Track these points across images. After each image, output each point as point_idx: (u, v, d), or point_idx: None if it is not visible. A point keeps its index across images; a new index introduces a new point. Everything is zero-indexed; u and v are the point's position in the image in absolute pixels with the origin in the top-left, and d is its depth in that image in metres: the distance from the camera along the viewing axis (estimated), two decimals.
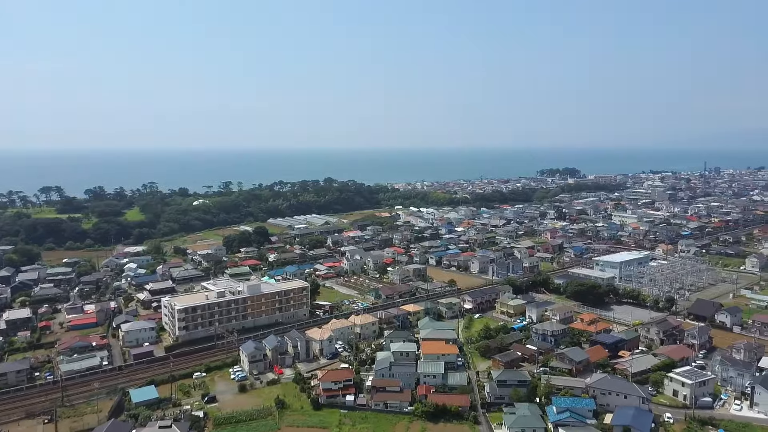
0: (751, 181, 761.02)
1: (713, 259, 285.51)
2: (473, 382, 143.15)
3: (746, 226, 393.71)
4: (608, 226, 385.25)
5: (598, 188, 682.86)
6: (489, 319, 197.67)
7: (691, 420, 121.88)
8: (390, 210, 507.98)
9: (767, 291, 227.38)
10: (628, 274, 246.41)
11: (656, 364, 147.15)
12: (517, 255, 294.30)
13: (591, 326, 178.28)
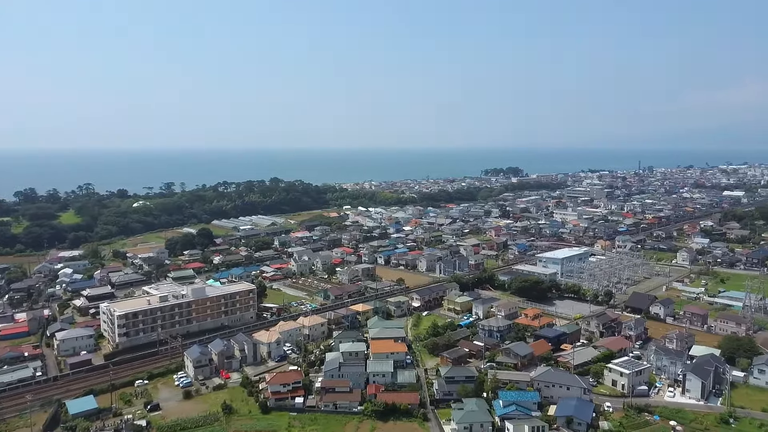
0: (681, 179, 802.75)
1: (648, 253, 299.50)
2: (422, 379, 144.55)
3: (677, 222, 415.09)
4: (550, 224, 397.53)
5: (540, 187, 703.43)
6: (437, 316, 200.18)
7: (629, 408, 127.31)
8: (338, 210, 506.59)
9: (696, 283, 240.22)
10: (569, 270, 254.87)
11: (596, 356, 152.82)
12: (463, 253, 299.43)
13: (535, 321, 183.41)
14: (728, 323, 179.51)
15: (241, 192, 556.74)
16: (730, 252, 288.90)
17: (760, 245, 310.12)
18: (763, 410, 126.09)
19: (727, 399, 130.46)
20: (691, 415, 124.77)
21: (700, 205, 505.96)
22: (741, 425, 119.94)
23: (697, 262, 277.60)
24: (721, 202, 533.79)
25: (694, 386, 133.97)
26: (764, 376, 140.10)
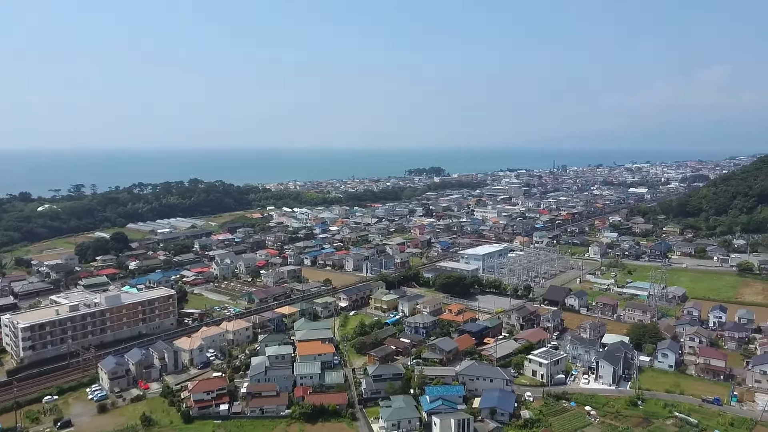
0: (592, 177, 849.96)
1: (563, 248, 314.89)
2: (350, 379, 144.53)
3: (589, 218, 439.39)
4: (471, 221, 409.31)
5: (461, 186, 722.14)
6: (364, 315, 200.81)
7: (548, 396, 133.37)
8: (262, 211, 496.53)
9: (607, 275, 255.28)
10: (490, 266, 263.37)
11: (517, 348, 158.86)
12: (389, 251, 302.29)
13: (459, 316, 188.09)
14: (635, 312, 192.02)
15: (158, 194, 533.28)
16: (636, 245, 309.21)
17: (662, 238, 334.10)
18: (666, 391, 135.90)
19: (636, 383, 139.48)
20: (604, 399, 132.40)
21: (609, 201, 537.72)
22: (647, 406, 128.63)
23: (607, 255, 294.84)
24: (628, 198, 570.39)
25: (606, 372, 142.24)
26: (667, 359, 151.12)
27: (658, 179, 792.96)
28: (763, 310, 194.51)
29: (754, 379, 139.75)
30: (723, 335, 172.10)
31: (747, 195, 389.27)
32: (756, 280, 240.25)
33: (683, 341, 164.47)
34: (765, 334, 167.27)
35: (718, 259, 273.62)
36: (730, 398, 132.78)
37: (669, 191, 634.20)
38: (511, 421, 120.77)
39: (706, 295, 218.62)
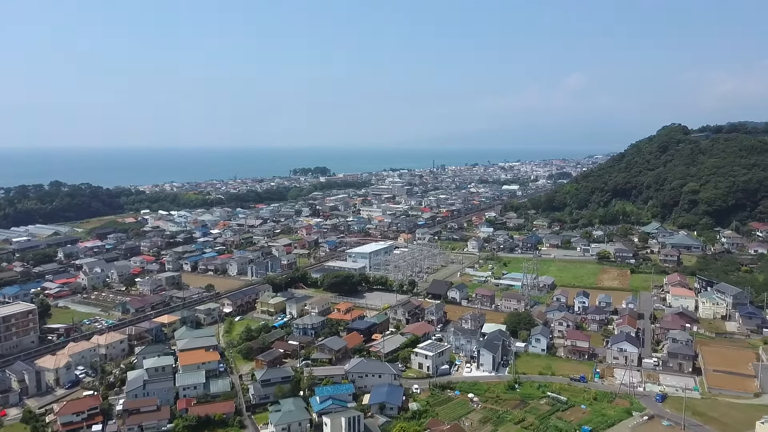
0: (468, 175, 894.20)
1: (443, 243, 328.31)
2: (237, 386, 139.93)
3: (467, 214, 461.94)
4: (357, 220, 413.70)
5: (347, 185, 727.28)
6: (250, 320, 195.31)
7: (434, 387, 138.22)
8: (135, 215, 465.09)
9: (484, 268, 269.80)
10: (376, 263, 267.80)
11: (404, 342, 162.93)
12: (275, 253, 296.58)
13: (347, 315, 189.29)
14: (511, 301, 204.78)
15: (12, 199, 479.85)
16: (510, 239, 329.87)
17: (533, 231, 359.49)
18: (540, 373, 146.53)
19: (513, 368, 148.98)
20: (485, 386, 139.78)
21: (484, 198, 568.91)
22: (524, 389, 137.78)
23: (484, 249, 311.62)
24: (502, 195, 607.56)
25: (486, 360, 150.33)
26: (540, 344, 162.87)
27: (528, 177, 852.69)
28: (619, 293, 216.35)
29: (613, 357, 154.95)
30: (586, 318, 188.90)
31: (603, 190, 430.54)
32: (612, 266, 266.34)
33: (553, 326, 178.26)
34: (621, 316, 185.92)
35: (581, 249, 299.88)
36: (594, 375, 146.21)
37: (538, 188, 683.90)
38: (400, 414, 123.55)
39: (572, 282, 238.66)
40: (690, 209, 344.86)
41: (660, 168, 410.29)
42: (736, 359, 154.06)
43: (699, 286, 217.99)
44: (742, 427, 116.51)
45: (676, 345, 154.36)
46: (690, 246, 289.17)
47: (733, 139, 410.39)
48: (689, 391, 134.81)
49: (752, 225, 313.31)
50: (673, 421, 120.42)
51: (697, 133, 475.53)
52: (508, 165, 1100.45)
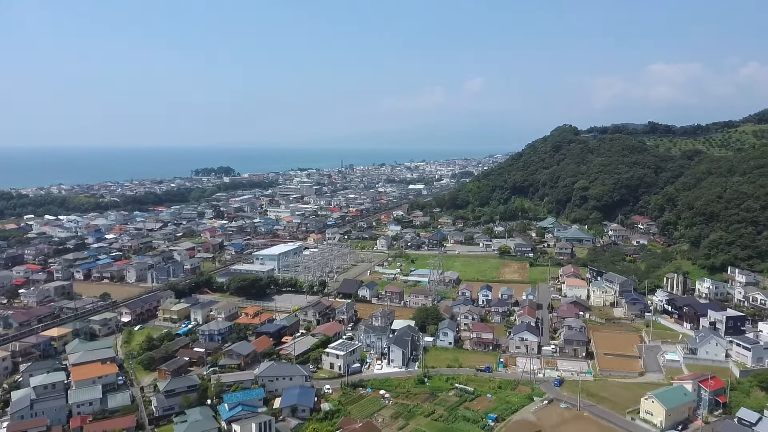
0: (376, 175, 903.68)
1: (353, 243, 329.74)
2: (138, 399, 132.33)
3: (375, 213, 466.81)
4: (265, 221, 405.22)
5: (252, 186, 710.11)
6: (151, 328, 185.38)
7: (346, 386, 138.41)
8: (17, 221, 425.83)
9: (393, 265, 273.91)
10: (285, 265, 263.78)
11: (315, 343, 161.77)
12: (177, 258, 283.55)
13: (256, 318, 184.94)
14: (419, 297, 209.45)
15: None
16: (417, 236, 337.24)
17: (438, 229, 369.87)
18: (448, 366, 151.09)
19: (422, 362, 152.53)
20: (396, 381, 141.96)
21: (392, 197, 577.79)
22: (433, 382, 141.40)
23: (392, 246, 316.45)
24: (408, 194, 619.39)
25: (396, 356, 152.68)
26: (447, 337, 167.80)
27: (433, 176, 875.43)
28: (519, 286, 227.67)
29: (515, 346, 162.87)
30: (490, 311, 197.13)
31: (503, 188, 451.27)
32: (513, 260, 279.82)
33: (459, 320, 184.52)
34: (521, 307, 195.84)
35: (483, 245, 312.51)
36: (498, 365, 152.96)
37: (442, 187, 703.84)
38: (312, 416, 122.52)
39: (476, 276, 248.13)
40: (581, 205, 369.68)
41: (554, 166, 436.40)
42: (623, 342, 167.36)
43: (590, 276, 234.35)
44: (630, 404, 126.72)
45: (571, 332, 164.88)
46: (582, 239, 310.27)
47: (617, 139, 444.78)
48: (583, 375, 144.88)
49: (635, 218, 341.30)
50: (569, 403, 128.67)
51: (586, 133, 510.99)
52: (414, 165, 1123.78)
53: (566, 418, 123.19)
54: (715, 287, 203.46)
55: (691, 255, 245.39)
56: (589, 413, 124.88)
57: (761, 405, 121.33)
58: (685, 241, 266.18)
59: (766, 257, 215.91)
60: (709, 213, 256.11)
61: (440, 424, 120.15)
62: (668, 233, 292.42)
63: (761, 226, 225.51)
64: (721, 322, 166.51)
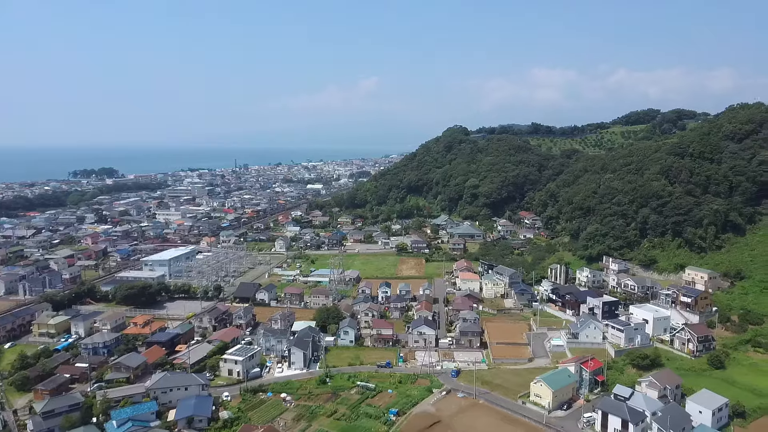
0: (273, 175, 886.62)
1: (250, 245, 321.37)
2: (11, 423, 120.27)
3: (273, 214, 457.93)
4: (153, 225, 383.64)
5: (139, 188, 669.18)
6: (25, 345, 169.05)
7: (245, 392, 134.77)
8: None
9: (293, 266, 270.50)
10: (177, 270, 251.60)
11: (212, 350, 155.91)
12: (53, 267, 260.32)
13: (146, 328, 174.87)
14: (319, 297, 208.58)
15: None
16: (317, 236, 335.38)
17: (337, 228, 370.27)
18: (349, 364, 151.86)
19: (324, 362, 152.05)
20: (298, 383, 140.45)
21: (290, 197, 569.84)
22: (335, 381, 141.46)
23: (291, 248, 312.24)
24: (306, 194, 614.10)
25: (297, 358, 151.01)
26: (348, 336, 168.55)
27: (331, 176, 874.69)
28: (417, 281, 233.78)
29: (414, 340, 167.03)
30: (389, 307, 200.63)
31: (399, 187, 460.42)
32: (410, 257, 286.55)
33: (360, 317, 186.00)
34: (419, 302, 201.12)
35: (382, 243, 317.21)
36: (398, 360, 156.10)
37: (340, 186, 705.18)
38: (210, 425, 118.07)
39: (375, 274, 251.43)
40: (472, 202, 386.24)
41: (446, 166, 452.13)
42: (514, 331, 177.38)
43: (482, 270, 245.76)
44: (521, 389, 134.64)
45: (466, 324, 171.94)
46: (473, 235, 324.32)
47: (504, 139, 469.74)
48: (478, 364, 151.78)
49: (521, 214, 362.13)
50: (466, 393, 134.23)
51: (475, 134, 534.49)
52: (312, 164, 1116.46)
53: (464, 406, 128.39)
54: (593, 276, 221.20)
55: (572, 247, 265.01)
56: (485, 401, 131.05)
57: (633, 381, 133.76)
58: (565, 234, 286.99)
59: (635, 246, 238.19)
60: (585, 207, 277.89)
61: (343, 423, 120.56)
62: (551, 227, 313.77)
63: (629, 218, 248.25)
64: (599, 308, 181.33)
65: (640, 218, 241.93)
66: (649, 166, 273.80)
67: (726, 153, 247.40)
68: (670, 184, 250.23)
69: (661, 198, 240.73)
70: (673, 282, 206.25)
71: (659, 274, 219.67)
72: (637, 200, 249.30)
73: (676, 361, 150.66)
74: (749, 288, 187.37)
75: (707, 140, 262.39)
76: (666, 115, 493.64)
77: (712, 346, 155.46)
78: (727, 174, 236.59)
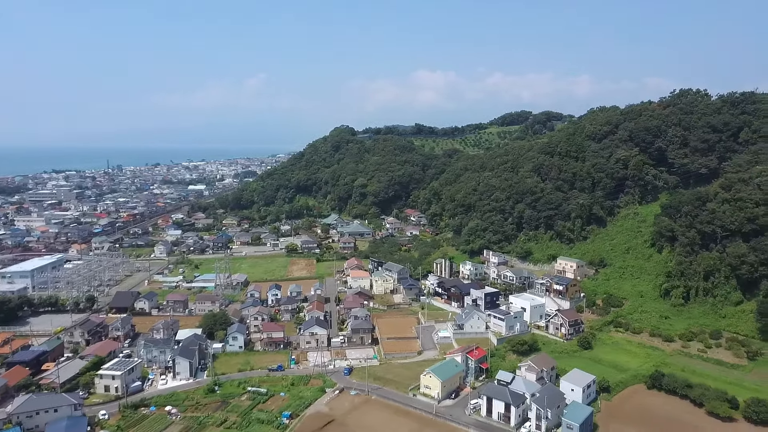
0: (150, 176, 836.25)
1: (127, 251, 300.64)
2: None
3: (151, 217, 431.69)
4: (12, 233, 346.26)
5: None
6: None
7: (125, 408, 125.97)
8: None
9: (175, 272, 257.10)
10: (42, 282, 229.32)
11: (85, 366, 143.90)
12: None
13: (5, 347, 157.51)
14: (205, 303, 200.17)
15: None
16: (200, 239, 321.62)
17: (223, 231, 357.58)
18: (239, 370, 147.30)
19: (211, 370, 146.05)
20: (184, 394, 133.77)
21: (170, 199, 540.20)
22: (224, 389, 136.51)
23: (173, 252, 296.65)
24: (188, 195, 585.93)
25: (182, 368, 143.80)
26: (237, 341, 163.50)
27: (215, 176, 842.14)
28: (307, 282, 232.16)
29: (306, 341, 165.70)
30: (280, 309, 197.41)
31: (287, 187, 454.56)
32: (300, 258, 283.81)
33: (249, 322, 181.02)
34: (310, 302, 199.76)
35: (271, 244, 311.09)
36: (290, 362, 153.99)
37: (225, 187, 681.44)
38: None
39: (264, 277, 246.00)
40: (361, 201, 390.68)
41: (335, 165, 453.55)
42: (403, 326, 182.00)
43: (372, 267, 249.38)
44: (411, 382, 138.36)
45: (357, 321, 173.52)
46: (363, 233, 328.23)
47: (390, 139, 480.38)
48: (370, 360, 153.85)
49: (408, 212, 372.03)
50: (359, 390, 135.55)
51: (362, 134, 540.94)
52: (193, 164, 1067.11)
53: (357, 404, 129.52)
54: (475, 269, 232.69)
55: (455, 242, 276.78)
56: (377, 396, 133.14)
57: (514, 366, 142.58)
58: (449, 229, 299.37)
59: (512, 240, 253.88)
60: (467, 204, 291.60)
61: (234, 431, 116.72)
62: (436, 223, 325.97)
63: (507, 213, 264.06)
64: (481, 299, 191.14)
65: (516, 213, 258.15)
66: (523, 165, 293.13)
67: (588, 152, 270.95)
68: (542, 180, 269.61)
69: (535, 194, 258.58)
70: (546, 272, 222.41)
71: (534, 265, 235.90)
72: (513, 196, 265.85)
73: (551, 344, 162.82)
74: (610, 274, 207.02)
75: (573, 140, 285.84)
76: (537, 116, 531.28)
77: (581, 329, 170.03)
78: (590, 171, 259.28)
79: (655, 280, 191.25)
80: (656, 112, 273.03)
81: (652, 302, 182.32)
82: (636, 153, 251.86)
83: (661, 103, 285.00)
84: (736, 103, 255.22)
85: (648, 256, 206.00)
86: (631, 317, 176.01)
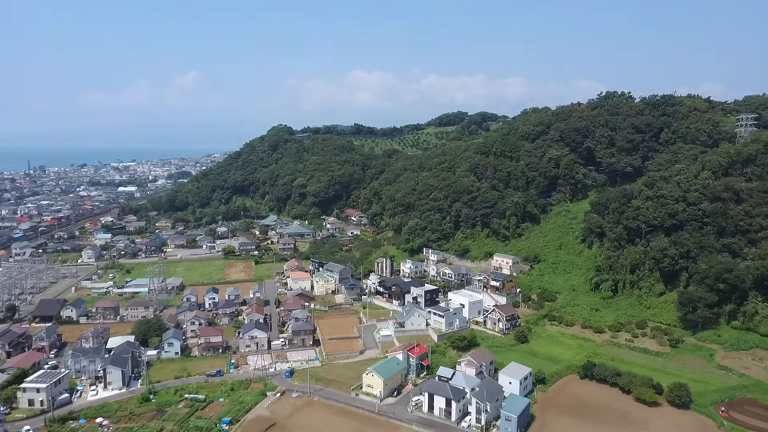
0: (77, 177, 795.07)
1: (51, 256, 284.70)
2: None
3: (78, 221, 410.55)
4: None
5: None
6: None
7: (52, 422, 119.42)
8: None
9: (105, 278, 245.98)
10: None
11: (6, 380, 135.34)
12: None
13: None
14: (138, 309, 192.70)
15: None
16: (132, 243, 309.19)
17: (156, 233, 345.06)
18: (176, 377, 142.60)
19: (146, 378, 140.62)
20: (116, 405, 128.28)
21: (98, 202, 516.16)
22: (160, 397, 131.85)
23: (102, 257, 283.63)
24: (118, 197, 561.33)
25: (114, 377, 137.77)
26: (173, 347, 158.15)
27: (146, 177, 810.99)
28: (246, 285, 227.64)
29: (245, 345, 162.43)
30: (217, 313, 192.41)
31: (224, 188, 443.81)
32: (238, 260, 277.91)
33: (185, 327, 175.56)
34: (249, 305, 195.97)
35: (207, 247, 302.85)
36: (229, 367, 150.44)
37: (157, 188, 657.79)
38: None
39: (200, 280, 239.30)
40: (301, 201, 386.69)
41: (273, 165, 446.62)
42: (345, 326, 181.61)
43: (313, 268, 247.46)
44: (354, 382, 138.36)
45: (298, 323, 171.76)
46: (303, 234, 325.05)
47: (329, 139, 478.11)
48: (312, 362, 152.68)
49: (348, 211, 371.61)
50: (301, 392, 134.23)
51: (300, 133, 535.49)
52: (123, 165, 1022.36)
53: (299, 406, 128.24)
54: (415, 267, 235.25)
55: (395, 240, 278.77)
56: (319, 397, 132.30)
57: (454, 362, 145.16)
58: (389, 229, 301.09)
59: (450, 238, 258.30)
60: (406, 203, 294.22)
61: None
62: (376, 223, 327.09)
63: (445, 212, 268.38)
64: (421, 296, 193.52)
65: (454, 212, 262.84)
66: (460, 164, 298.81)
67: (522, 151, 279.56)
68: (478, 180, 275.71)
69: (471, 193, 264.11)
70: (484, 268, 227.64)
71: (472, 262, 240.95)
72: (451, 195, 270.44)
73: (490, 339, 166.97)
74: (544, 269, 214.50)
75: (507, 140, 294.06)
76: (472, 117, 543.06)
77: (518, 323, 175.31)
78: (524, 170, 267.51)
79: (586, 274, 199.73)
80: (585, 113, 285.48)
81: (584, 295, 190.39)
82: (567, 153, 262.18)
83: (589, 105, 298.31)
84: (657, 105, 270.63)
85: (579, 251, 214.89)
86: (564, 310, 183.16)
